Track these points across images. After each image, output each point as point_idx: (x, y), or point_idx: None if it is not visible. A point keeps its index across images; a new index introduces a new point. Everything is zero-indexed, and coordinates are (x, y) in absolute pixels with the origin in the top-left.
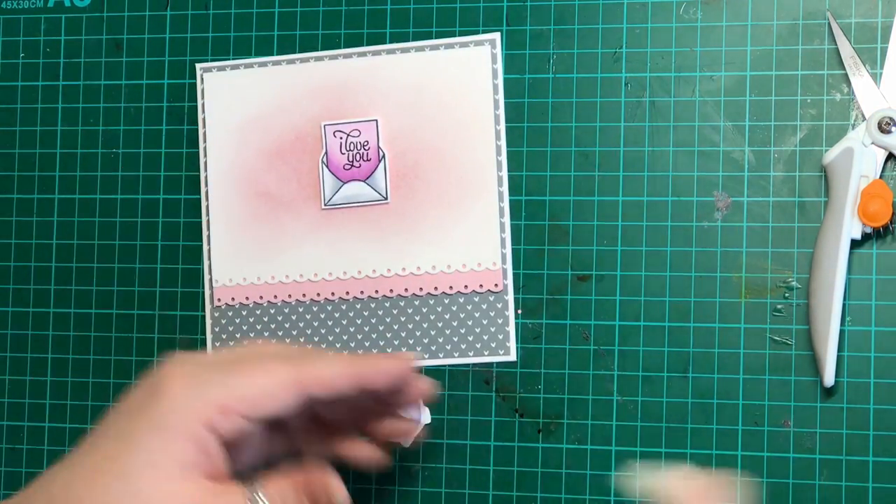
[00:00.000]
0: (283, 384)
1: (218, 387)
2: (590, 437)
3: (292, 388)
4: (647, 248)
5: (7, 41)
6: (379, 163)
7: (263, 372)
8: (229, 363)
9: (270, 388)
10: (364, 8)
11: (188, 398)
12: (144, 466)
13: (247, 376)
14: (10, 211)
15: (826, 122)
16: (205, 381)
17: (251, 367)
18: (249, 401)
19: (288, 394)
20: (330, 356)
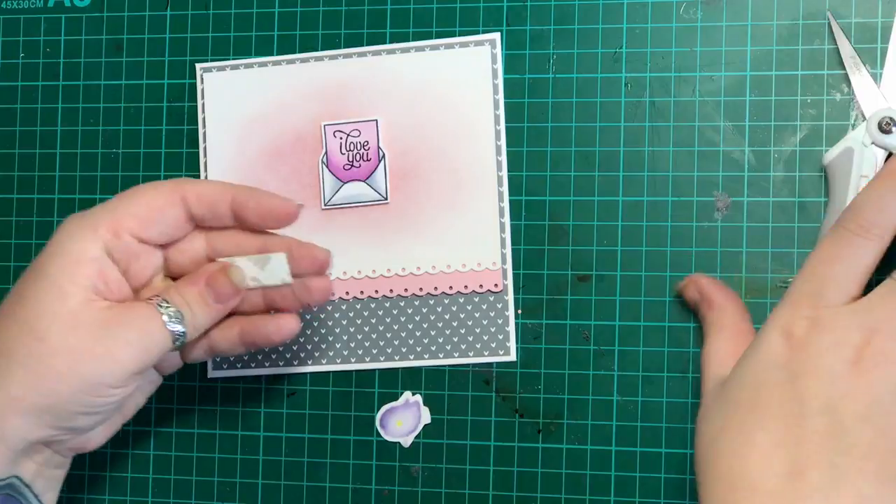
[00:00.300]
0: (164, 197)
1: (105, 212)
2: (590, 437)
3: (173, 201)
4: (647, 248)
5: (7, 41)
6: (379, 163)
7: (144, 191)
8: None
9: (153, 202)
10: (364, 8)
11: (79, 227)
12: (49, 288)
13: (130, 198)
14: (10, 211)
15: (826, 122)
16: (93, 213)
17: (134, 191)
18: (135, 217)
19: (170, 206)
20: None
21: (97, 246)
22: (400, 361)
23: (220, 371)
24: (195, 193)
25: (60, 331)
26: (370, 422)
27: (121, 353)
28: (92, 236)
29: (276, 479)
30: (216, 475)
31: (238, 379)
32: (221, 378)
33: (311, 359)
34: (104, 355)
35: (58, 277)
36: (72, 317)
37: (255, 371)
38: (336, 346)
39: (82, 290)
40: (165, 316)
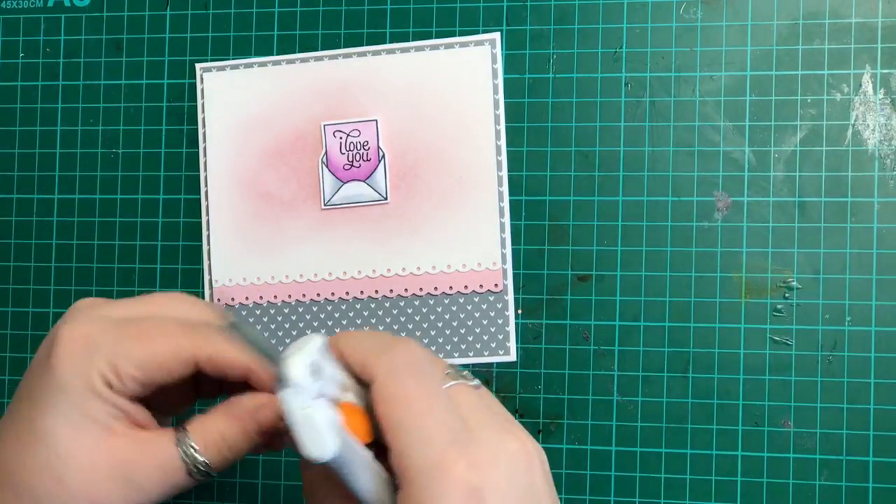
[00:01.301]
0: (174, 356)
1: (109, 347)
2: (590, 437)
3: (183, 362)
4: (647, 248)
5: (7, 41)
6: (379, 163)
7: (156, 340)
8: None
9: (162, 359)
10: (364, 8)
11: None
12: (64, 426)
13: (139, 341)
14: (10, 211)
15: (826, 122)
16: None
17: (148, 331)
18: (139, 367)
19: (180, 367)
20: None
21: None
22: None
23: None
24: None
25: (78, 474)
26: None
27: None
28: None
29: (276, 479)
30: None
31: None
32: None
33: None
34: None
35: (68, 413)
36: (88, 457)
37: None
38: None
39: (96, 424)
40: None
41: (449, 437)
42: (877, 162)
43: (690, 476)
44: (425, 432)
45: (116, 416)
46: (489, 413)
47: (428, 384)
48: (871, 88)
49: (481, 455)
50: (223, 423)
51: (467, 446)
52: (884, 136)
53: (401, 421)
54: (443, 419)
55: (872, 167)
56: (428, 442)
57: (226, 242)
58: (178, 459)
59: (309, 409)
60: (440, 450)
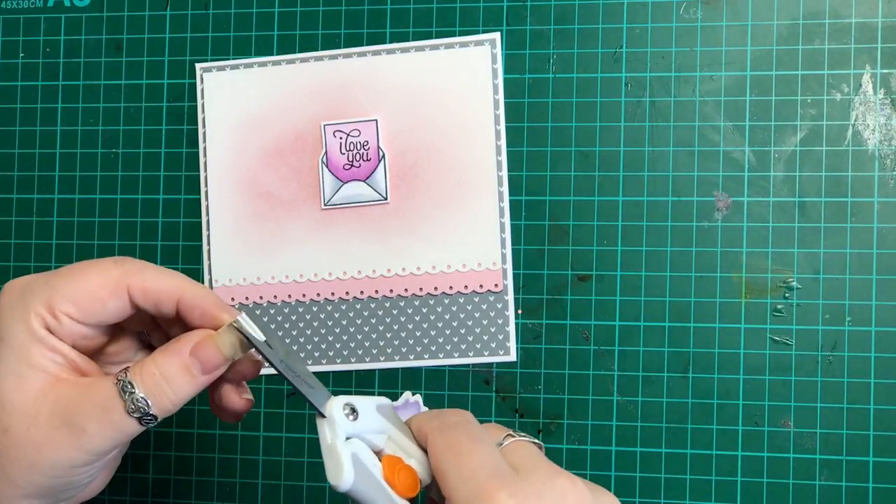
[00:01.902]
0: (107, 287)
1: (43, 287)
2: (590, 437)
3: (117, 293)
4: (647, 248)
5: (7, 41)
6: (379, 163)
7: (86, 273)
8: (60, 270)
9: (94, 289)
10: (364, 8)
11: (16, 304)
12: (6, 376)
13: (70, 277)
14: (10, 211)
15: (826, 122)
16: (31, 286)
17: (78, 270)
18: (75, 302)
19: (112, 297)
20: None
21: (39, 324)
22: (400, 361)
23: None
24: (141, 288)
25: (21, 422)
26: None
27: (84, 442)
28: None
29: (276, 479)
30: (216, 475)
31: None
32: None
33: (312, 359)
34: (67, 445)
35: (11, 363)
36: (32, 405)
37: None
38: (336, 346)
39: (39, 371)
40: (129, 404)
41: (491, 472)
42: (877, 162)
43: (690, 476)
44: (468, 469)
45: (59, 363)
46: (543, 461)
47: (473, 433)
48: (871, 88)
49: (527, 488)
50: (161, 359)
51: (512, 481)
52: (884, 136)
53: (447, 464)
54: (486, 459)
55: (872, 167)
56: (470, 477)
57: (226, 242)
58: (116, 398)
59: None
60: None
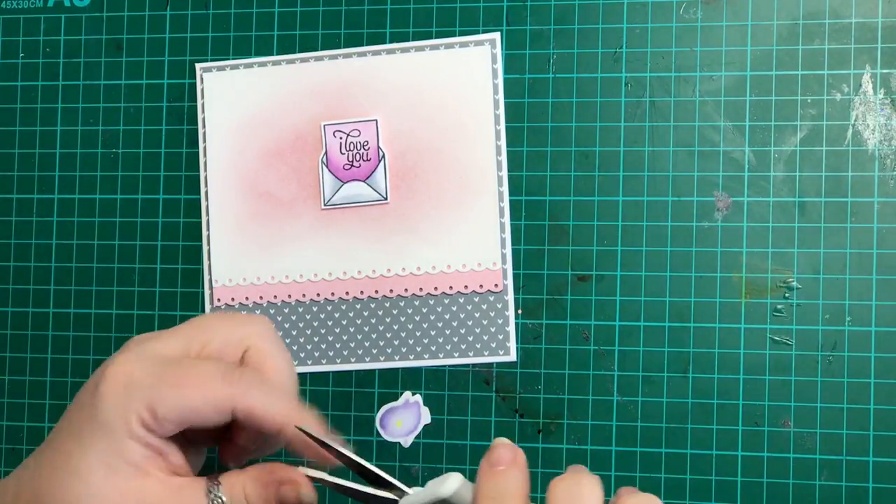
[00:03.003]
0: (212, 405)
1: (148, 390)
2: (590, 437)
3: (222, 412)
4: (647, 248)
5: (7, 41)
6: (379, 163)
7: (195, 388)
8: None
9: (200, 406)
10: (364, 8)
11: (121, 397)
12: (99, 467)
13: (178, 387)
14: (10, 211)
15: (826, 122)
16: (136, 381)
17: (186, 376)
18: (178, 413)
19: (216, 415)
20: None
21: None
22: (400, 361)
23: None
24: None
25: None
26: (370, 422)
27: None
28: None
29: None
30: None
31: None
32: None
33: (311, 359)
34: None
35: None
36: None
37: None
38: (336, 346)
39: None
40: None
41: None
42: (877, 162)
43: (690, 476)
44: None
45: (150, 459)
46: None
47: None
48: (871, 88)
49: None
50: (250, 485)
51: None
52: (884, 136)
53: None
54: None
55: (872, 167)
56: None
57: (226, 242)
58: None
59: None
60: None
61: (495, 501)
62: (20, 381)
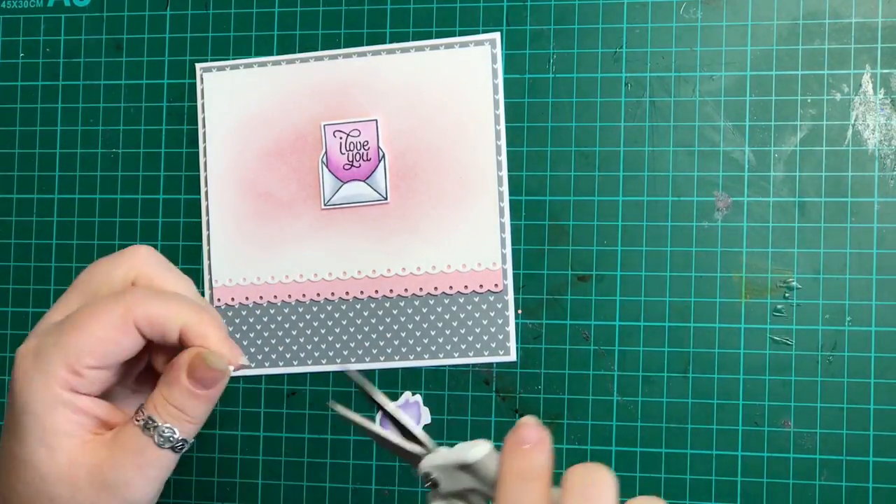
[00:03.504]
0: (115, 326)
1: (56, 350)
2: (590, 437)
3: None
4: (647, 248)
5: (7, 41)
6: (379, 163)
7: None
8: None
9: (105, 334)
10: (364, 8)
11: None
12: (39, 450)
13: (79, 330)
14: (10, 211)
15: (826, 122)
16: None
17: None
18: (92, 353)
19: (123, 335)
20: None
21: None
22: (400, 361)
23: None
24: (146, 318)
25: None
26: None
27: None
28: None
29: (276, 479)
30: (216, 475)
31: (238, 379)
32: None
33: (311, 359)
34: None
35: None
36: (68, 472)
37: (255, 371)
38: (336, 346)
39: (67, 438)
40: (157, 437)
41: None
42: (877, 162)
43: (690, 476)
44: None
45: (84, 424)
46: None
47: None
48: (871, 88)
49: None
50: (167, 391)
51: None
52: (884, 136)
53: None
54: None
55: (872, 167)
56: None
57: (226, 242)
58: (142, 436)
59: None
60: None
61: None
62: None
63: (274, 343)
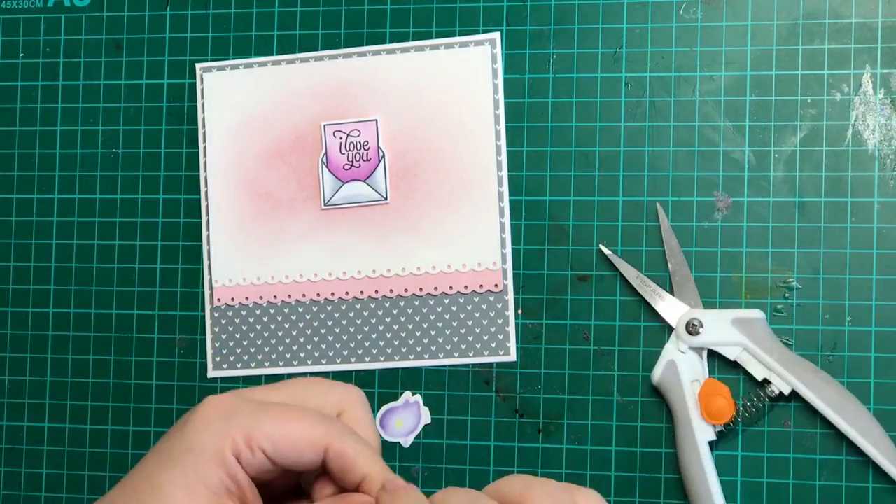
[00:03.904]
0: (310, 443)
1: (248, 418)
2: (590, 437)
3: (316, 450)
4: (646, 248)
5: (7, 41)
6: (379, 163)
7: (296, 422)
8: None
9: (297, 440)
10: (364, 8)
11: (217, 422)
12: (178, 486)
13: (279, 420)
14: (10, 211)
15: (826, 122)
16: (236, 411)
17: (286, 412)
18: (275, 444)
19: (311, 452)
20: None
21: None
22: (400, 361)
23: (221, 371)
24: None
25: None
26: None
27: None
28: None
29: None
30: None
31: (238, 378)
32: (221, 378)
33: (311, 359)
34: None
35: (190, 475)
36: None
37: (255, 371)
38: (336, 346)
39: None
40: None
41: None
42: (877, 162)
43: None
44: None
45: (231, 492)
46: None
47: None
48: (871, 88)
49: None
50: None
51: None
52: (884, 136)
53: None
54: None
55: (872, 167)
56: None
57: (226, 242)
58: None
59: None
60: None
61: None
62: (20, 381)
63: (274, 343)
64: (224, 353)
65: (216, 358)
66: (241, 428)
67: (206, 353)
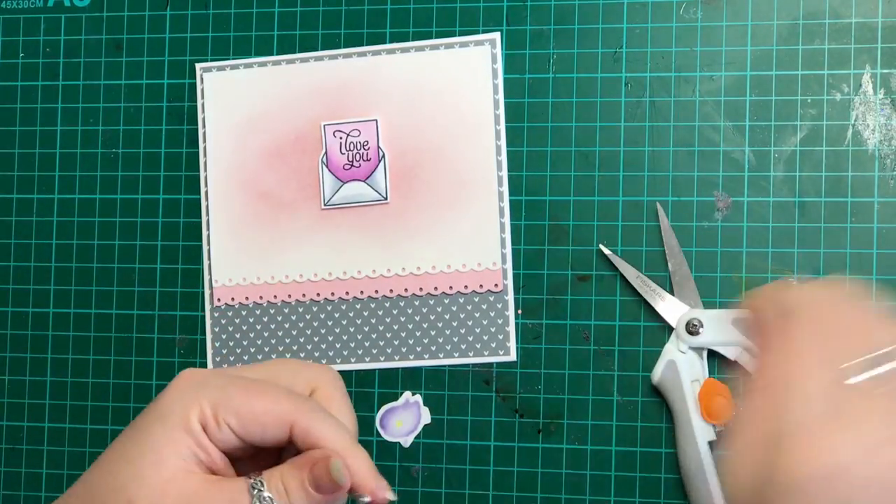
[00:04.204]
0: (275, 418)
1: (216, 390)
2: (590, 437)
3: (282, 426)
4: (646, 248)
5: (7, 41)
6: (379, 163)
7: (261, 397)
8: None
9: (260, 415)
10: (364, 8)
11: (188, 391)
12: (148, 453)
13: (245, 394)
14: (10, 211)
15: (826, 122)
16: (208, 382)
17: (254, 387)
18: (239, 418)
19: (275, 427)
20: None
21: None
22: (400, 361)
23: None
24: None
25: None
26: (370, 422)
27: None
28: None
29: None
30: None
31: None
32: None
33: (311, 359)
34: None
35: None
36: (161, 486)
37: None
38: (336, 346)
39: (180, 459)
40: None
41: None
42: (877, 162)
43: None
44: None
45: (199, 459)
46: None
47: None
48: (871, 88)
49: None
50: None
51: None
52: (884, 136)
53: None
54: None
55: (872, 167)
56: None
57: (226, 242)
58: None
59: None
60: None
61: None
62: (20, 381)
63: (274, 343)
64: (224, 353)
65: (216, 358)
66: (209, 398)
67: (207, 353)
